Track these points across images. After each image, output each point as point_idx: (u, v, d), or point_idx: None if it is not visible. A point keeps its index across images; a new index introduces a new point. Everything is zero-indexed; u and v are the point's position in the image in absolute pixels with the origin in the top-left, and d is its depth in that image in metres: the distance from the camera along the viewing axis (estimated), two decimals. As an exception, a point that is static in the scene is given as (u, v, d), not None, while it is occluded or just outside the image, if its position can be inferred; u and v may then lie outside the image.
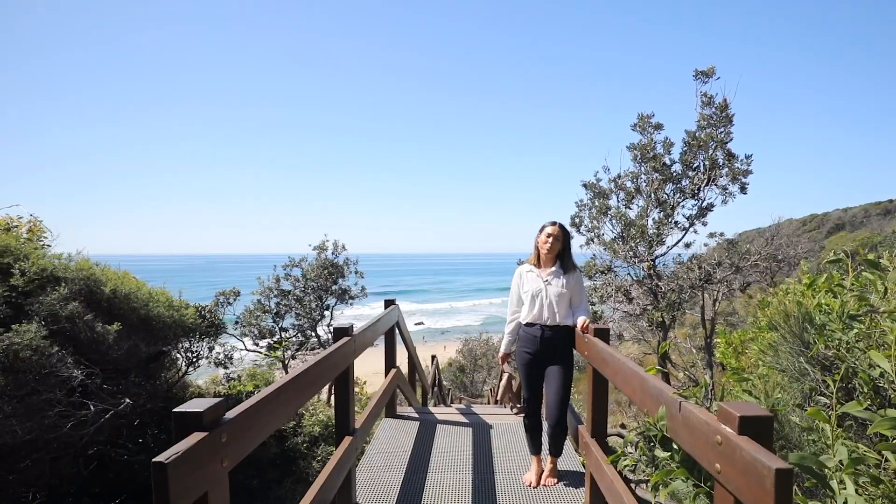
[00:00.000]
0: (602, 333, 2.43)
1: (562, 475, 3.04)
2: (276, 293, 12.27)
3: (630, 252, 8.56)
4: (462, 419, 4.30)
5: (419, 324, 44.96)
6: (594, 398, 2.49)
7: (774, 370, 2.07)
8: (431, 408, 4.94)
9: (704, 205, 8.31)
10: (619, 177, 9.01)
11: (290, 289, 12.42)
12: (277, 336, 11.94)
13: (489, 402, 9.81)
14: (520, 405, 3.05)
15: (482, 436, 3.88)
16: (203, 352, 6.01)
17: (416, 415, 4.42)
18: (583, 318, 2.71)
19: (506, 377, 3.12)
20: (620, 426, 8.13)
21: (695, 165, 8.28)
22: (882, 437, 1.50)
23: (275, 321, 12.14)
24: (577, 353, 2.79)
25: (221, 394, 5.85)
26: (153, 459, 1.02)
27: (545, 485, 2.96)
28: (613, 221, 8.95)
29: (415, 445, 3.68)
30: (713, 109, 7.90)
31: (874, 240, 18.89)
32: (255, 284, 12.40)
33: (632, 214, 8.80)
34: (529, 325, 2.84)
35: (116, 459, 4.40)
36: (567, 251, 2.86)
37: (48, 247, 4.96)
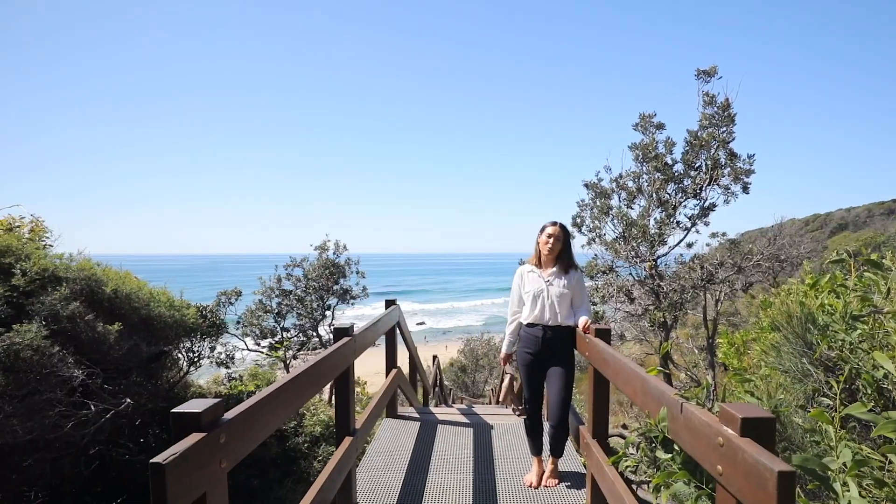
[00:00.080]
0: (603, 334, 2.43)
1: (563, 476, 3.03)
2: (278, 293, 12.30)
3: (632, 252, 8.53)
4: (463, 419, 4.29)
5: (421, 324, 45.03)
6: (595, 399, 2.48)
7: (777, 371, 2.06)
8: (432, 408, 4.93)
9: (706, 205, 8.29)
10: (621, 176, 8.99)
11: (292, 289, 12.45)
12: (279, 336, 11.97)
13: (490, 403, 9.80)
14: (521, 407, 3.04)
15: (483, 436, 3.87)
16: (204, 352, 6.02)
17: (417, 415, 4.41)
18: (584, 319, 2.70)
19: (507, 378, 3.11)
20: (622, 427, 8.11)
21: (697, 165, 8.25)
22: (886, 440, 1.49)
23: (276, 321, 12.17)
24: (579, 354, 2.78)
25: (223, 394, 5.85)
26: (151, 460, 1.01)
27: (546, 486, 2.95)
28: (615, 221, 8.93)
29: (415, 446, 3.67)
30: (715, 109, 7.88)
31: (877, 240, 18.83)
32: (257, 284, 12.43)
33: (633, 214, 8.78)
34: (531, 326, 2.83)
35: (118, 459, 4.40)
36: (568, 251, 2.84)
37: (50, 247, 4.97)
